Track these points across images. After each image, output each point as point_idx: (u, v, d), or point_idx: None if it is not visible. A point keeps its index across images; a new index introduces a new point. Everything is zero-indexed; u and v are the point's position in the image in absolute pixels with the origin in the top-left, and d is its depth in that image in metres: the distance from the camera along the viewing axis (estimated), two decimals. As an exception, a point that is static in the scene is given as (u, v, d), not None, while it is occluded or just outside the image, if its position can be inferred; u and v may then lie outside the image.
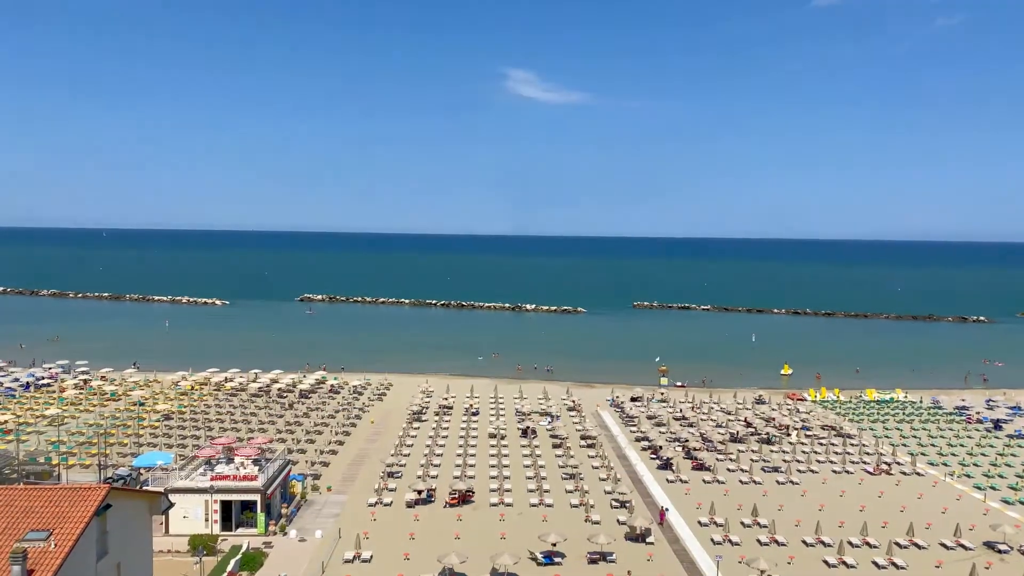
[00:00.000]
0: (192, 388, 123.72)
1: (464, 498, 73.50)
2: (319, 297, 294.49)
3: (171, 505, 49.29)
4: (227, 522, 65.75)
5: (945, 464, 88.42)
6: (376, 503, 72.62)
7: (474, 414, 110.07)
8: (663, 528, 67.51)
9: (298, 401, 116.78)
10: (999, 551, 62.84)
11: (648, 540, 64.39)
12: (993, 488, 79.48)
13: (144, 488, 60.92)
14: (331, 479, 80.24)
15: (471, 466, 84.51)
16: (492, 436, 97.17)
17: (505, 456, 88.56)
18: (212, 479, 66.59)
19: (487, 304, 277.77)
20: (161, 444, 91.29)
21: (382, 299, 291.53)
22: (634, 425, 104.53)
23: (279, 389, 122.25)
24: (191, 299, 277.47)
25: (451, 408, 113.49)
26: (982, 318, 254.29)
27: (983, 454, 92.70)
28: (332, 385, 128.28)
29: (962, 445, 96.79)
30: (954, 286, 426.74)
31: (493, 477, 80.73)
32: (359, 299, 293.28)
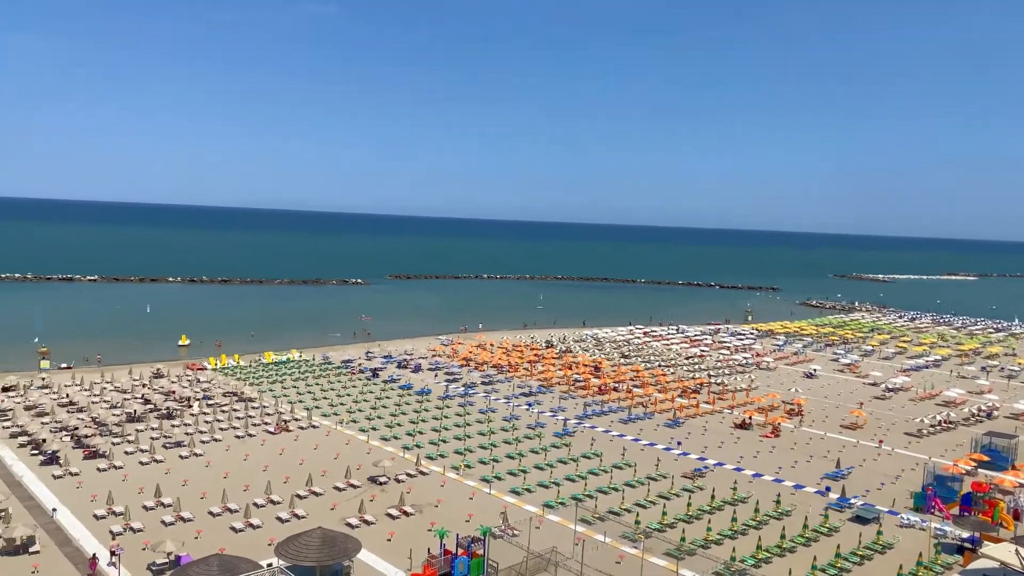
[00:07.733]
0: None
1: None
2: None
3: None
4: None
5: (336, 414, 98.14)
6: None
7: None
8: (52, 532, 59.40)
9: None
10: (380, 483, 72.68)
11: (33, 550, 55.92)
12: (374, 429, 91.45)
13: None
14: None
15: None
16: None
17: None
18: None
19: None
20: None
21: None
22: (8, 419, 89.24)
23: None
24: None
25: None
26: (359, 280, 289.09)
27: (365, 400, 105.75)
28: None
29: (348, 395, 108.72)
30: (335, 253, 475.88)
31: None
32: None
